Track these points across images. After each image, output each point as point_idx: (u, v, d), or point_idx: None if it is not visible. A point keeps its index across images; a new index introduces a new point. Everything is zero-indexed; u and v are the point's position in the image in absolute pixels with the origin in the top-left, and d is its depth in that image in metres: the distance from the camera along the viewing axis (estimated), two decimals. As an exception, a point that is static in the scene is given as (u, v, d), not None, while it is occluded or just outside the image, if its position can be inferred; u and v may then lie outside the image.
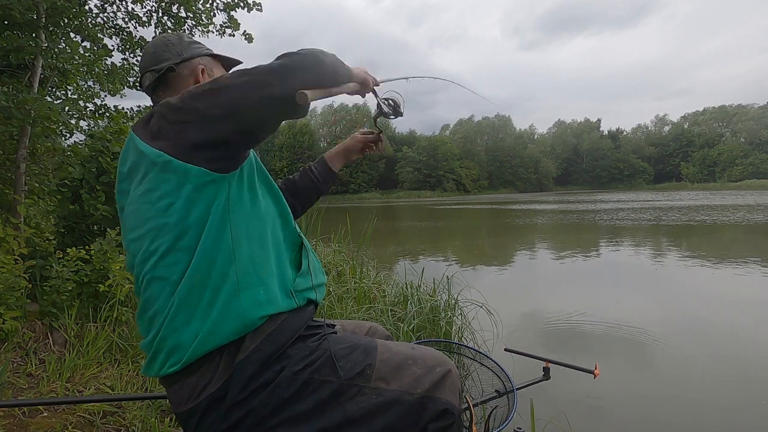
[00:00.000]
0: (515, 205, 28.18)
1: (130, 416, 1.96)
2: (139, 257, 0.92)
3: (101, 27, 4.16)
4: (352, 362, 0.94)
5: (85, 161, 3.23)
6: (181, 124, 0.87)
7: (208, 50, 1.15)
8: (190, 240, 0.88)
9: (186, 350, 0.87)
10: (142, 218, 0.91)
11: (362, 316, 3.18)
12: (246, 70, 0.85)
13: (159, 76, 1.07)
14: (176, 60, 1.08)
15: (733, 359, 3.23)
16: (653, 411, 2.51)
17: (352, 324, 1.28)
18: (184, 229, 0.88)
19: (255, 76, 0.83)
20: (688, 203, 22.64)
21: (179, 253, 0.88)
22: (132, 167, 0.93)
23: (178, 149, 0.87)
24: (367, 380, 0.92)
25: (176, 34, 1.15)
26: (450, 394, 0.95)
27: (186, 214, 0.87)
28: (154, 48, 1.10)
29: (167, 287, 0.89)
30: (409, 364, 0.96)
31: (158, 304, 0.90)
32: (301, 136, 66.25)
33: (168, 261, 0.88)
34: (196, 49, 1.12)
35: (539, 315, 4.44)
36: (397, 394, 0.92)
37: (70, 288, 2.69)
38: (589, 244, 9.79)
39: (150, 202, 0.89)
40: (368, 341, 1.01)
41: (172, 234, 0.88)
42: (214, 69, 1.14)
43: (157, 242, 0.88)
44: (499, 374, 1.47)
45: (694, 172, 74.19)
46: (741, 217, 14.02)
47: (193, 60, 1.10)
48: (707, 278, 5.96)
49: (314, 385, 0.90)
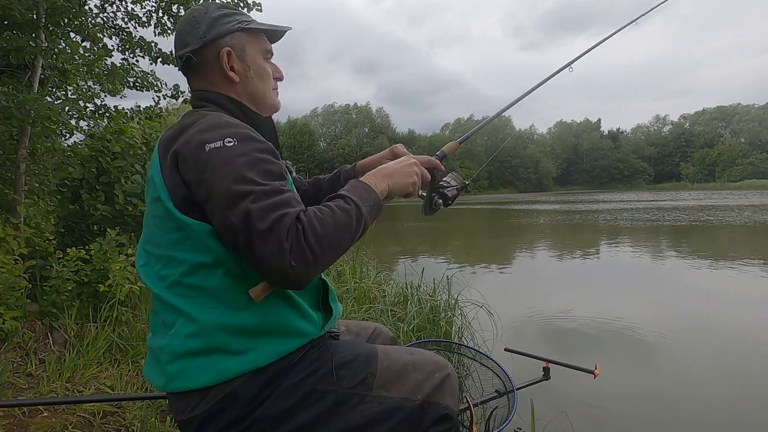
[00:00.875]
0: (515, 206, 28.17)
1: (130, 416, 1.96)
2: (153, 276, 0.90)
3: (101, 27, 4.16)
4: (353, 371, 0.92)
5: (85, 161, 3.23)
6: (197, 199, 0.81)
7: (241, 23, 0.97)
8: (197, 279, 0.85)
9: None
10: (156, 240, 0.89)
11: (362, 316, 3.19)
12: (279, 243, 0.73)
13: (183, 62, 0.97)
14: (196, 45, 0.95)
15: (734, 358, 3.23)
16: (653, 411, 2.51)
17: (357, 325, 1.26)
18: (191, 270, 0.85)
19: (283, 253, 0.73)
20: (692, 203, 22.63)
21: (188, 289, 0.87)
22: (149, 180, 0.90)
23: (180, 203, 0.83)
24: (369, 389, 0.91)
25: (204, 6, 0.99)
26: (449, 398, 0.95)
27: (191, 256, 0.85)
28: (179, 28, 0.98)
29: (174, 311, 0.87)
30: (409, 371, 0.95)
31: (166, 318, 0.89)
32: (301, 136, 66.25)
33: (177, 291, 0.87)
34: (223, 26, 0.96)
35: (539, 315, 4.44)
36: (398, 402, 0.91)
37: (70, 288, 2.69)
38: (590, 244, 9.79)
39: (159, 228, 0.88)
40: (369, 348, 0.99)
41: (180, 269, 0.86)
42: (247, 48, 0.98)
43: (167, 270, 0.87)
44: (500, 374, 1.47)
45: (694, 172, 74.26)
46: (747, 218, 14.02)
47: (218, 41, 0.95)
48: (708, 278, 5.96)
49: (316, 395, 0.88)
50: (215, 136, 0.80)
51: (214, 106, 0.97)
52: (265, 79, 1.02)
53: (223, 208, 0.76)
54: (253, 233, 0.73)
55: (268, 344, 0.87)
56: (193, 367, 0.84)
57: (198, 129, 0.83)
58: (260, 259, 0.74)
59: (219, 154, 0.78)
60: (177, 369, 0.85)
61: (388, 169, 0.97)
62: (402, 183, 0.97)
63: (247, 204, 0.74)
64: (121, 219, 3.18)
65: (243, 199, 0.75)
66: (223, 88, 0.98)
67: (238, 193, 0.75)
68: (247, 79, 0.99)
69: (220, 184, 0.76)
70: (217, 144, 0.79)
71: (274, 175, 0.81)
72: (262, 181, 0.77)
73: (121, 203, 3.10)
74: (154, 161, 0.89)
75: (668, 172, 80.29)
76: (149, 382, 0.91)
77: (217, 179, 0.77)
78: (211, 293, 0.84)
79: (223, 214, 0.76)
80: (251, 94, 1.00)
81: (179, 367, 0.85)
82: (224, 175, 0.77)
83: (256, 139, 0.84)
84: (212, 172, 0.77)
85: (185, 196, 0.83)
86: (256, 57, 1.00)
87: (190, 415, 0.86)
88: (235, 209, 0.74)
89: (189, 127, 0.85)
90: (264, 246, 0.73)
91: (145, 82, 4.48)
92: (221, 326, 0.84)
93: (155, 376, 0.89)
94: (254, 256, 0.74)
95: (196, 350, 0.84)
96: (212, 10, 0.97)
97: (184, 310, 0.85)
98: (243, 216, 0.74)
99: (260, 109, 1.02)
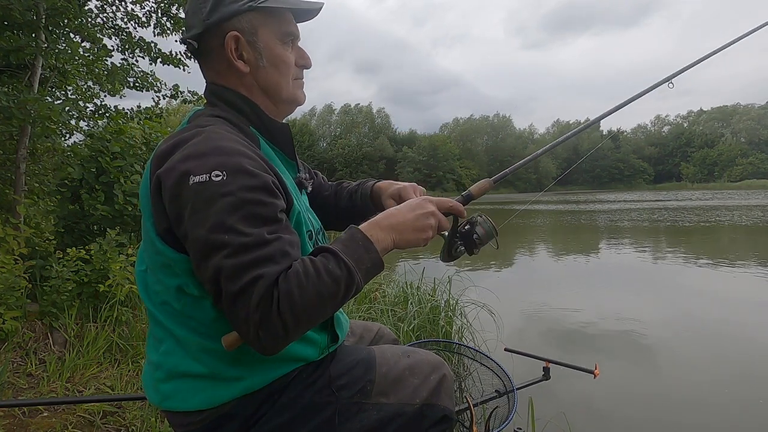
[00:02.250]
0: (515, 205, 28.16)
1: (130, 416, 1.96)
2: (148, 288, 0.86)
3: (101, 27, 4.16)
4: (352, 380, 0.90)
5: (85, 161, 3.23)
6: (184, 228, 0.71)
7: (253, 0, 0.82)
8: (184, 306, 0.81)
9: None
10: (147, 251, 0.84)
11: (362, 315, 3.19)
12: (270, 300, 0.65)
13: (187, 50, 0.88)
14: (199, 29, 0.83)
15: (734, 359, 3.23)
16: (653, 411, 2.51)
17: (361, 326, 1.25)
18: (178, 295, 0.80)
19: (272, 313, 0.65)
20: (698, 203, 22.60)
21: (177, 312, 0.82)
22: (141, 190, 0.83)
23: (162, 233, 0.76)
24: (368, 396, 0.89)
25: None
26: (447, 399, 0.94)
27: (178, 281, 0.79)
28: (187, 8, 0.87)
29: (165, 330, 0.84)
30: (407, 375, 0.93)
31: (157, 333, 0.86)
32: (301, 136, 66.25)
33: (167, 310, 0.83)
34: (229, 5, 0.82)
35: (539, 315, 4.44)
36: (398, 407, 0.89)
37: (70, 288, 2.69)
38: (591, 244, 9.79)
39: (148, 245, 0.82)
40: (367, 354, 0.96)
41: (168, 292, 0.81)
42: (260, 32, 0.84)
43: (158, 287, 0.82)
44: (499, 374, 1.47)
45: (694, 172, 74.25)
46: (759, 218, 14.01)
47: (223, 24, 0.82)
48: (708, 278, 5.96)
49: (315, 408, 0.86)
50: (201, 167, 0.69)
51: (224, 106, 0.88)
52: (281, 69, 0.88)
53: (197, 258, 0.69)
54: (222, 294, 0.67)
55: (263, 370, 0.83)
56: (186, 389, 0.81)
57: (184, 155, 0.72)
58: (229, 318, 0.69)
59: (202, 192, 0.68)
60: (170, 389, 0.82)
61: (398, 217, 0.83)
62: (412, 239, 0.83)
63: (220, 259, 0.66)
64: (121, 219, 3.18)
65: (217, 252, 0.67)
66: (231, 81, 0.87)
67: (213, 244, 0.67)
68: (258, 68, 0.86)
69: (196, 230, 0.68)
70: (202, 178, 0.69)
71: (262, 220, 0.70)
72: (244, 230, 0.67)
73: (121, 203, 3.11)
74: (145, 177, 0.80)
75: (668, 172, 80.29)
76: (145, 394, 0.90)
77: (194, 222, 0.68)
78: (199, 321, 0.80)
79: (197, 264, 0.70)
80: (264, 86, 0.88)
81: (172, 387, 0.82)
82: (203, 218, 0.68)
83: (250, 172, 0.71)
84: (192, 213, 0.69)
85: (167, 227, 0.75)
86: (271, 42, 0.86)
87: (188, 429, 0.85)
88: (207, 262, 0.67)
89: (182, 145, 0.75)
90: (231, 310, 0.67)
91: (145, 82, 4.48)
92: (212, 352, 0.80)
93: (150, 390, 0.87)
94: (225, 313, 0.70)
95: (188, 373, 0.81)
96: None
97: (174, 333, 0.81)
98: (213, 272, 0.67)
99: (276, 104, 0.91)
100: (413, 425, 0.90)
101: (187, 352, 0.81)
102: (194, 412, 0.82)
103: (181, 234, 0.72)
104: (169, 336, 0.82)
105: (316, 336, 0.89)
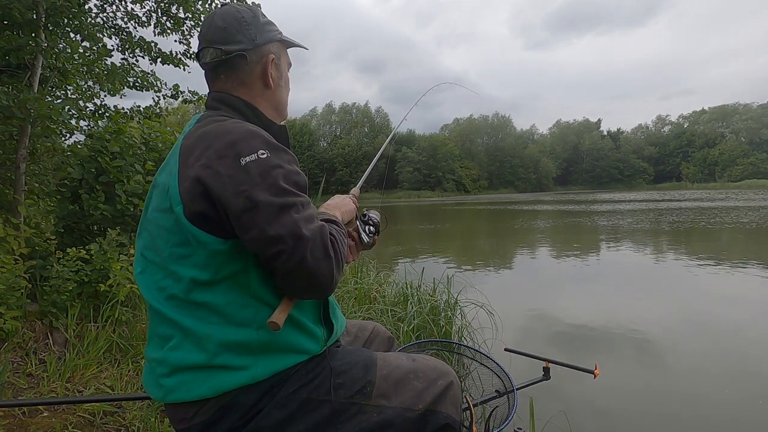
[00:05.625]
0: (515, 206, 28.16)
1: (130, 416, 1.97)
2: (152, 286, 0.89)
3: (101, 27, 4.15)
4: (351, 380, 0.91)
5: (85, 161, 3.22)
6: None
7: (279, 34, 1.04)
8: (197, 295, 0.85)
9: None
10: (157, 249, 0.88)
11: (362, 316, 3.19)
12: (326, 258, 0.80)
13: (226, 58, 0.96)
14: (249, 45, 0.97)
15: (734, 359, 3.23)
16: (653, 411, 2.51)
17: (356, 326, 1.26)
18: (192, 285, 0.84)
19: (325, 268, 0.80)
20: (700, 204, 22.60)
21: (187, 303, 0.86)
22: (161, 187, 0.89)
23: (192, 216, 0.82)
24: (368, 398, 0.90)
25: (250, 9, 1.01)
26: (451, 407, 0.94)
27: (194, 272, 0.84)
28: (225, 22, 0.97)
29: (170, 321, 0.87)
30: (410, 379, 0.94)
31: (162, 331, 0.88)
32: (301, 136, 66.25)
33: (176, 304, 0.86)
34: (269, 33, 1.01)
35: (539, 315, 4.44)
36: (399, 411, 0.90)
37: (70, 288, 2.69)
38: (591, 244, 9.79)
39: (164, 240, 0.86)
40: (368, 356, 0.98)
41: (180, 284, 0.84)
42: (282, 58, 1.06)
43: (166, 282, 0.86)
44: (500, 374, 1.47)
45: (695, 172, 74.20)
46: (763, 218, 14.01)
47: (264, 47, 0.99)
48: (709, 279, 5.95)
49: (312, 405, 0.87)
50: (247, 148, 0.81)
51: (227, 109, 0.97)
52: (287, 90, 1.09)
53: (267, 220, 0.77)
54: (302, 242, 0.77)
55: (268, 361, 0.86)
56: (191, 380, 0.84)
57: (227, 142, 0.82)
58: (305, 267, 0.77)
59: (256, 167, 0.80)
60: (174, 382, 0.84)
61: (335, 201, 1.11)
62: (345, 210, 1.08)
63: (293, 215, 0.78)
64: (121, 219, 3.18)
65: (288, 210, 0.78)
66: (251, 93, 1.00)
67: (283, 204, 0.78)
68: (277, 87, 1.04)
69: (262, 196, 0.78)
70: (251, 157, 0.80)
71: (303, 187, 0.85)
72: (299, 193, 0.83)
73: (123, 203, 3.11)
74: (171, 170, 0.86)
75: (668, 172, 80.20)
76: (147, 391, 0.91)
77: (258, 191, 0.78)
78: (212, 309, 0.84)
79: (268, 224, 0.77)
80: (277, 102, 1.05)
81: (177, 380, 0.84)
82: (265, 186, 0.79)
83: (284, 149, 0.87)
84: (252, 185, 0.78)
85: (202, 210, 0.81)
86: (284, 67, 1.07)
87: (188, 425, 0.86)
88: (282, 220, 0.77)
89: (211, 137, 0.84)
90: (313, 253, 0.78)
91: (145, 82, 4.47)
92: (221, 342, 0.83)
93: (152, 386, 0.89)
94: (299, 265, 0.77)
95: (195, 365, 0.83)
96: (259, 15, 1.01)
97: (183, 325, 0.84)
98: (291, 226, 0.77)
99: (278, 118, 1.07)
100: (414, 431, 0.90)
101: (195, 344, 0.84)
102: (198, 402, 0.84)
103: (236, 209, 0.78)
104: (177, 330, 0.85)
105: (315, 328, 0.92)
